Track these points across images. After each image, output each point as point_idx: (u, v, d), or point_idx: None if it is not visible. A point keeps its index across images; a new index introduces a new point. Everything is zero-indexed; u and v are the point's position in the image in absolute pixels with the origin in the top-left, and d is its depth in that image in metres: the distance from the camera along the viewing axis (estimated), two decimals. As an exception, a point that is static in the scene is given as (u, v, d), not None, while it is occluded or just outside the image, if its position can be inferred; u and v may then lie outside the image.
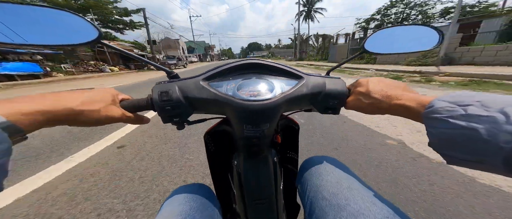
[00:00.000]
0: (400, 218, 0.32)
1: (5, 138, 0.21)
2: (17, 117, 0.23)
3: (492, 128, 0.19)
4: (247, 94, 0.36)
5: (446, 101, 0.24)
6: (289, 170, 0.68)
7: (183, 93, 0.38)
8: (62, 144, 2.07)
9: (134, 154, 1.83)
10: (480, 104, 0.22)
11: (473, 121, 0.21)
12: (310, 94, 0.40)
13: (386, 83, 0.37)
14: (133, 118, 0.38)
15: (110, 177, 1.47)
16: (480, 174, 1.34)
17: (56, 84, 9.11)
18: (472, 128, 0.21)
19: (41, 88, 7.89)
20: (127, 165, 1.64)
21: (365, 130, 2.24)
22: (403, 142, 1.89)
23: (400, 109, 0.32)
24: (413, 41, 0.44)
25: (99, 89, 0.34)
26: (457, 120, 0.22)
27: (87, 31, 0.34)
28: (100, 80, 10.42)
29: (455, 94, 0.25)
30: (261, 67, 0.41)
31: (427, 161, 1.55)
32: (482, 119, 0.20)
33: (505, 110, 0.19)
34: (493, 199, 1.14)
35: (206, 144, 0.58)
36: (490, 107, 0.21)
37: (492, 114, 0.20)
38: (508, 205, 1.09)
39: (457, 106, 0.23)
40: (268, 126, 0.39)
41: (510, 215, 1.03)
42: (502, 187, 1.22)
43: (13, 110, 0.23)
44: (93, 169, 1.58)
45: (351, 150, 1.78)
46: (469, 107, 0.22)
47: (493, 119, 0.20)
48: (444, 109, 0.24)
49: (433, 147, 0.25)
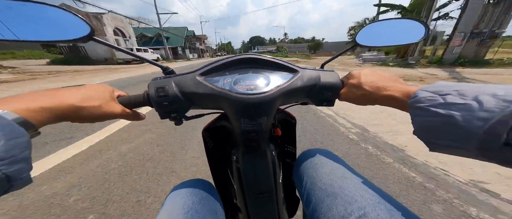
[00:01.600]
0: (389, 202, 0.34)
1: (23, 133, 0.21)
2: (28, 113, 0.24)
3: (467, 115, 0.21)
4: (244, 88, 0.36)
5: (428, 91, 0.26)
6: (287, 163, 0.69)
7: (179, 88, 0.38)
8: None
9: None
10: (457, 93, 0.23)
11: (451, 109, 0.22)
12: (305, 87, 0.41)
13: (377, 74, 0.38)
14: (130, 114, 0.38)
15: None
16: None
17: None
18: (450, 115, 0.22)
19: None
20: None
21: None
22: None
23: (388, 100, 0.34)
24: (402, 34, 0.46)
25: (95, 85, 0.34)
26: (437, 109, 0.24)
27: (80, 27, 0.34)
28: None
29: (437, 84, 0.27)
30: (257, 62, 0.41)
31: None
32: (459, 107, 0.22)
33: (479, 98, 0.21)
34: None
35: (204, 140, 0.58)
36: (466, 95, 0.22)
37: (467, 101, 0.21)
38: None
39: (438, 96, 0.25)
40: (266, 120, 0.40)
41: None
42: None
43: (22, 106, 0.24)
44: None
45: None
46: (448, 96, 0.24)
47: (468, 107, 0.21)
48: (426, 99, 0.25)
49: (417, 135, 0.27)
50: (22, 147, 0.21)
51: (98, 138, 2.06)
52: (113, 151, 1.80)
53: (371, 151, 1.68)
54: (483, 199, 1.13)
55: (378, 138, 1.91)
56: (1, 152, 0.18)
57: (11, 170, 0.19)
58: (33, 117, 0.24)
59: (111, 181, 1.38)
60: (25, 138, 0.21)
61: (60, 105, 0.27)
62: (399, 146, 1.72)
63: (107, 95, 0.34)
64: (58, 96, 0.28)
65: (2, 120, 0.20)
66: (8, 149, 0.19)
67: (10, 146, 0.19)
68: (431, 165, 1.44)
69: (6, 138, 0.19)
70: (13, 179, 0.20)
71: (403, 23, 0.46)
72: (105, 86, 0.36)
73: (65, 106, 0.28)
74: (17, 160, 0.20)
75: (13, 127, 0.20)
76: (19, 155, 0.20)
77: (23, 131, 0.21)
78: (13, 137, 0.20)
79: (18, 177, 0.20)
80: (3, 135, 0.19)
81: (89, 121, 0.32)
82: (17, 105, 0.23)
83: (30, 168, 0.22)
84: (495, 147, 0.19)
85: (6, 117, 0.21)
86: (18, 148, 0.20)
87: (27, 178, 0.22)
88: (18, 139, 0.20)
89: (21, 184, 0.21)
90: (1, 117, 0.20)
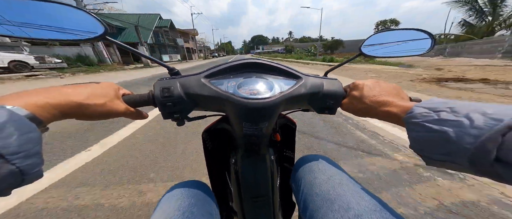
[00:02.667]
0: (385, 209, 0.34)
1: (34, 128, 0.22)
2: (36, 109, 0.24)
3: (459, 131, 0.22)
4: (247, 92, 0.37)
5: (423, 108, 0.27)
6: (285, 168, 0.69)
7: (184, 89, 0.38)
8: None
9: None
10: (450, 110, 0.24)
11: (444, 125, 0.23)
12: (308, 94, 0.41)
13: (380, 87, 0.38)
14: (134, 113, 0.39)
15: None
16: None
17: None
18: (443, 131, 0.23)
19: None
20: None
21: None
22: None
23: (386, 116, 0.34)
24: (408, 45, 0.46)
25: (101, 83, 0.35)
26: (431, 124, 0.25)
27: (94, 26, 0.35)
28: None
29: (432, 101, 0.28)
30: (262, 67, 0.42)
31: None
32: (451, 123, 0.23)
33: (470, 115, 0.22)
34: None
35: (204, 141, 0.58)
36: (458, 112, 0.23)
37: (459, 118, 0.23)
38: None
39: (432, 112, 0.25)
40: (267, 125, 0.40)
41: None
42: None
43: (31, 103, 0.24)
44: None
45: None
46: (442, 112, 0.25)
47: (460, 123, 0.22)
48: (421, 115, 0.26)
49: (413, 149, 0.28)
50: (34, 142, 0.21)
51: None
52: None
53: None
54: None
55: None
56: (14, 146, 0.19)
57: (25, 164, 0.20)
58: (41, 113, 0.25)
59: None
60: (36, 133, 0.22)
61: (66, 103, 0.28)
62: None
63: (112, 93, 0.34)
64: (64, 93, 0.28)
65: (14, 116, 0.20)
66: (21, 144, 0.20)
67: (23, 141, 0.20)
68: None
69: (19, 133, 0.20)
70: (26, 173, 0.20)
71: (409, 34, 0.46)
72: (111, 84, 0.36)
73: (71, 104, 0.28)
74: (29, 155, 0.21)
75: (26, 123, 0.21)
76: (32, 150, 0.21)
77: (34, 126, 0.22)
78: (25, 132, 0.21)
79: (30, 171, 0.21)
80: (16, 130, 0.20)
81: (94, 118, 0.32)
82: (26, 101, 0.24)
83: (41, 162, 0.23)
84: (486, 163, 0.20)
85: (18, 112, 0.21)
86: (31, 143, 0.21)
87: (39, 172, 0.22)
88: (30, 134, 0.21)
89: (33, 178, 0.22)
90: (13, 112, 0.21)
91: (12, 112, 0.20)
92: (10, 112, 0.20)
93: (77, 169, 1.58)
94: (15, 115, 0.21)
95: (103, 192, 1.31)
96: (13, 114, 0.20)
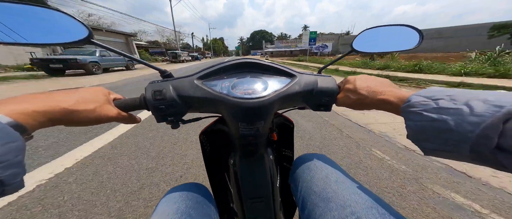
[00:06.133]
0: (382, 207, 0.34)
1: (17, 137, 0.21)
2: (21, 117, 0.23)
3: (458, 119, 0.21)
4: (242, 92, 0.37)
5: (421, 96, 0.26)
6: (285, 168, 0.69)
7: (177, 92, 0.38)
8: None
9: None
10: (449, 98, 0.24)
11: (443, 113, 0.23)
12: (302, 91, 0.41)
13: (372, 79, 0.39)
14: (127, 117, 0.38)
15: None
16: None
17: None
18: (442, 120, 0.22)
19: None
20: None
21: None
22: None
23: (383, 104, 0.34)
24: (397, 40, 0.47)
25: (91, 88, 0.34)
26: (429, 113, 0.24)
27: (78, 30, 0.34)
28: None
29: (430, 90, 0.27)
30: (256, 66, 0.42)
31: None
32: (450, 111, 0.22)
33: (470, 103, 0.21)
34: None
35: (201, 144, 0.57)
36: (457, 100, 0.23)
37: (458, 106, 0.22)
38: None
39: (431, 100, 0.25)
40: (263, 124, 0.40)
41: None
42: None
43: (16, 110, 0.23)
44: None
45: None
46: (440, 100, 0.24)
47: (460, 111, 0.22)
48: (419, 103, 0.26)
49: (411, 139, 0.27)
50: (16, 151, 0.20)
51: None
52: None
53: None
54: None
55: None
56: None
57: (5, 174, 0.19)
58: (26, 120, 0.24)
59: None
60: (19, 142, 0.21)
61: (53, 109, 0.27)
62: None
63: (102, 98, 0.34)
64: (52, 100, 0.27)
65: None
66: (3, 154, 0.19)
67: (5, 150, 0.19)
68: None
69: (0, 143, 0.19)
70: (7, 183, 0.19)
71: (398, 30, 0.47)
72: (100, 88, 0.36)
73: (58, 110, 0.27)
74: (11, 165, 0.20)
75: (8, 131, 0.20)
76: (14, 160, 0.20)
77: (18, 135, 0.21)
78: (8, 142, 0.20)
79: (11, 181, 0.20)
80: None
81: (83, 124, 0.31)
82: (11, 108, 0.23)
83: (23, 172, 0.22)
84: (487, 151, 0.20)
85: (0, 121, 0.21)
86: (13, 153, 0.20)
87: (20, 183, 0.21)
88: (13, 143, 0.20)
89: (14, 189, 0.21)
90: None
91: None
92: None
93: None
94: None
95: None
96: None
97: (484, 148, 0.20)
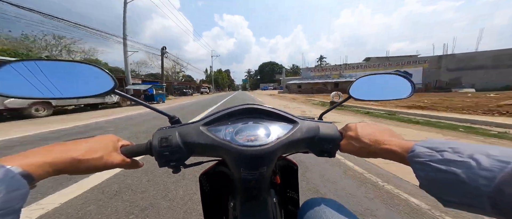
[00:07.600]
0: None
1: (24, 185, 0.23)
2: (32, 168, 0.25)
3: (470, 173, 0.21)
4: (244, 139, 0.37)
5: (424, 147, 0.26)
6: (289, 211, 0.64)
7: (182, 138, 0.38)
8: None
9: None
10: (452, 150, 0.23)
11: (451, 165, 0.23)
12: (304, 138, 0.41)
13: (372, 127, 0.39)
14: (129, 163, 0.38)
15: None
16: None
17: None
18: (453, 172, 0.22)
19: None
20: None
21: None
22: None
23: (388, 153, 0.33)
24: (391, 89, 0.48)
25: (101, 137, 0.36)
26: (437, 164, 0.24)
27: (106, 81, 0.38)
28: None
29: (430, 141, 0.27)
30: (259, 112, 0.44)
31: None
32: (458, 164, 0.22)
33: (475, 156, 0.21)
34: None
35: (201, 185, 0.56)
36: (461, 153, 0.23)
37: (465, 159, 0.22)
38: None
39: (435, 152, 0.25)
40: (266, 169, 0.40)
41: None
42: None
43: (27, 162, 0.25)
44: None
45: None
46: (444, 152, 0.24)
47: (468, 164, 0.21)
48: (424, 154, 0.25)
49: (425, 189, 0.26)
50: (20, 199, 0.22)
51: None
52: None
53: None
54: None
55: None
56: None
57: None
58: (36, 171, 0.25)
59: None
60: (24, 189, 0.23)
61: (64, 159, 0.28)
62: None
63: (111, 146, 0.35)
64: (64, 150, 0.29)
65: (9, 173, 0.21)
66: (7, 200, 0.20)
67: (10, 198, 0.20)
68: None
69: (5, 191, 0.20)
70: None
71: (392, 79, 0.49)
72: (111, 136, 0.37)
73: (68, 160, 0.28)
74: (8, 213, 0.21)
75: (18, 179, 0.22)
76: (15, 206, 0.21)
77: (25, 183, 0.23)
78: (14, 189, 0.21)
79: None
80: (5, 188, 0.20)
81: (88, 172, 0.31)
82: (24, 161, 0.25)
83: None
84: (508, 206, 0.19)
85: (13, 170, 0.22)
86: (16, 200, 0.21)
87: None
88: (18, 191, 0.22)
89: None
90: (8, 170, 0.22)
91: (7, 170, 0.22)
92: (5, 171, 0.21)
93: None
94: (10, 172, 0.22)
95: None
96: (8, 172, 0.21)
97: (505, 205, 0.19)
